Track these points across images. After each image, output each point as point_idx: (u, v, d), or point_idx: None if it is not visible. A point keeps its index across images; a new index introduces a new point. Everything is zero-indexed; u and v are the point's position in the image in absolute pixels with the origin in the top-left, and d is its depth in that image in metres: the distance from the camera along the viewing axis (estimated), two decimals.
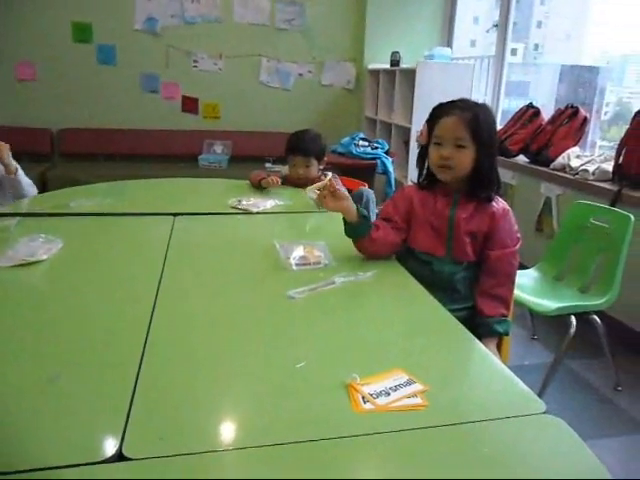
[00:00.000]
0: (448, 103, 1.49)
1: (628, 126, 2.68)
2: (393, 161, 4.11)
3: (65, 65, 4.62)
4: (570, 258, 2.35)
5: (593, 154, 3.11)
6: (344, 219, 1.50)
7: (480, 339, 1.17)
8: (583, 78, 4.02)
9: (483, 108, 1.47)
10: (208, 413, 0.84)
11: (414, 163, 1.62)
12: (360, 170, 3.84)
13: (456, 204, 1.50)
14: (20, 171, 2.28)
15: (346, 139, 4.28)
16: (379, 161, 4.04)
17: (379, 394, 0.88)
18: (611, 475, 0.73)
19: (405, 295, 1.36)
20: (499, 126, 3.59)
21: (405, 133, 4.37)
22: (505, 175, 3.36)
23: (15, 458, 0.73)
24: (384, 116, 4.71)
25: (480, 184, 1.48)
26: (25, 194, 2.28)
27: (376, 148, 4.18)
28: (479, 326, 1.42)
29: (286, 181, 2.40)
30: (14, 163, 2.26)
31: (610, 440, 1.96)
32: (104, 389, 0.89)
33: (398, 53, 4.51)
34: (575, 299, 2.16)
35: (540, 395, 0.93)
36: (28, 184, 2.33)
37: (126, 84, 4.77)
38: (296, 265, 1.46)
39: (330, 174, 1.44)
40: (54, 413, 0.83)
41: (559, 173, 3.01)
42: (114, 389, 0.89)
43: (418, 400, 0.88)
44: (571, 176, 2.91)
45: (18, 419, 0.81)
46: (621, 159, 2.65)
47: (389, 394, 0.89)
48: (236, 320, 1.18)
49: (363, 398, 0.87)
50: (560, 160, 3.05)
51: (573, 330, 2.06)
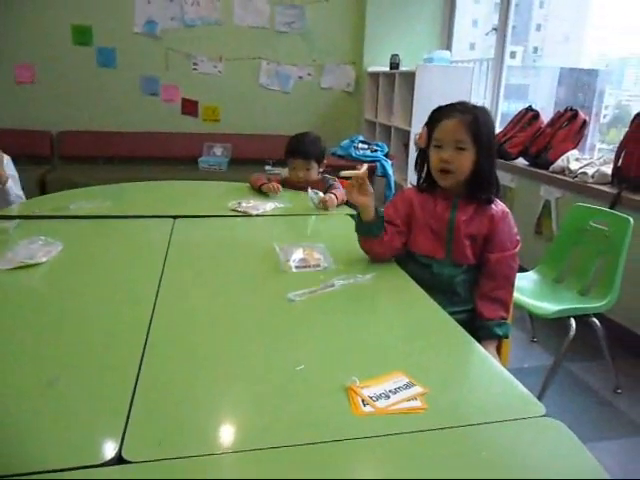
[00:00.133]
0: (447, 106, 1.49)
1: (627, 129, 2.68)
2: (392, 164, 4.11)
3: (65, 67, 4.62)
4: (570, 261, 2.35)
5: (592, 157, 3.11)
6: (359, 215, 1.50)
7: (480, 342, 1.17)
8: (582, 81, 4.03)
9: (482, 111, 1.48)
10: (207, 416, 0.84)
11: (413, 166, 1.63)
12: None
13: (456, 207, 1.50)
14: (11, 182, 2.25)
15: (346, 142, 4.28)
16: (378, 164, 4.05)
17: (379, 397, 0.88)
18: (611, 477, 0.73)
19: (405, 298, 1.36)
20: (498, 129, 3.60)
21: (404, 136, 4.38)
22: (504, 178, 3.37)
23: (14, 461, 0.73)
24: (383, 119, 4.71)
25: (480, 187, 1.48)
26: (10, 205, 2.22)
27: (375, 151, 4.18)
28: (479, 329, 1.43)
29: (286, 184, 2.41)
30: (5, 174, 2.25)
31: (610, 443, 1.95)
32: (103, 392, 0.89)
33: (398, 56, 4.53)
34: (575, 302, 2.16)
35: (540, 398, 0.93)
36: (17, 196, 2.29)
37: (126, 87, 4.78)
38: (296, 267, 1.46)
39: (365, 166, 1.44)
40: (53, 416, 0.83)
41: (558, 176, 3.01)
42: (113, 392, 0.89)
43: (418, 403, 0.88)
44: (570, 179, 2.91)
45: (17, 422, 0.81)
46: (620, 162, 2.65)
47: (389, 397, 0.89)
48: (236, 323, 1.18)
49: (363, 401, 0.87)
50: (559, 163, 3.05)
51: (573, 333, 2.06)
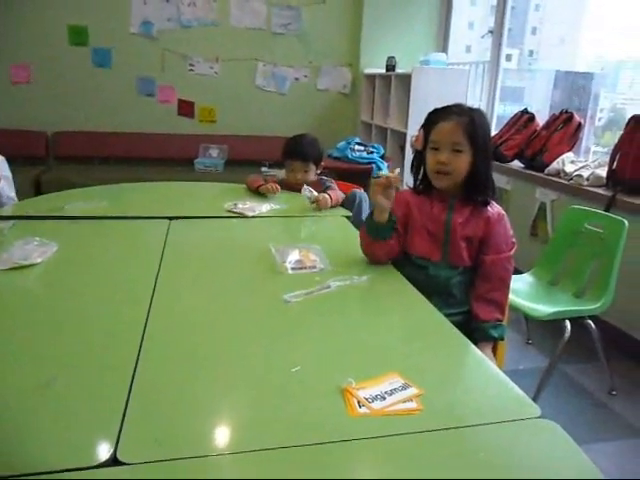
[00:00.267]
0: (444, 108, 1.50)
1: (622, 132, 2.69)
2: (389, 166, 4.12)
3: (61, 68, 4.61)
4: (565, 263, 2.36)
5: (587, 159, 3.13)
6: (371, 214, 1.50)
7: (475, 343, 1.18)
8: (577, 84, 4.05)
9: (478, 113, 1.49)
10: (203, 417, 0.84)
11: (409, 168, 1.63)
12: (356, 174, 3.85)
13: (452, 209, 1.51)
14: (3, 183, 2.23)
15: (342, 143, 4.29)
16: (375, 165, 4.06)
17: (374, 398, 0.89)
18: (606, 479, 0.73)
19: (401, 299, 1.36)
20: (494, 132, 3.61)
21: (401, 138, 4.39)
22: (500, 180, 3.38)
23: (9, 462, 0.72)
24: (380, 121, 4.72)
25: (476, 189, 1.49)
26: (2, 205, 2.19)
27: (372, 152, 4.19)
28: (474, 331, 1.43)
29: (283, 185, 2.40)
30: None
31: (605, 444, 1.96)
32: (99, 392, 0.89)
33: (394, 58, 4.53)
34: (570, 304, 2.17)
35: (535, 399, 0.93)
36: (9, 197, 2.26)
37: (122, 87, 4.76)
38: (292, 269, 1.46)
39: (398, 169, 1.46)
40: (48, 417, 0.82)
41: (554, 178, 3.02)
42: (109, 393, 0.88)
43: (413, 404, 0.88)
44: (566, 181, 2.92)
45: (12, 423, 0.80)
46: (615, 164, 2.67)
47: (384, 398, 0.89)
48: (231, 324, 1.18)
49: (358, 402, 0.87)
50: (555, 165, 3.06)
51: (568, 335, 2.07)
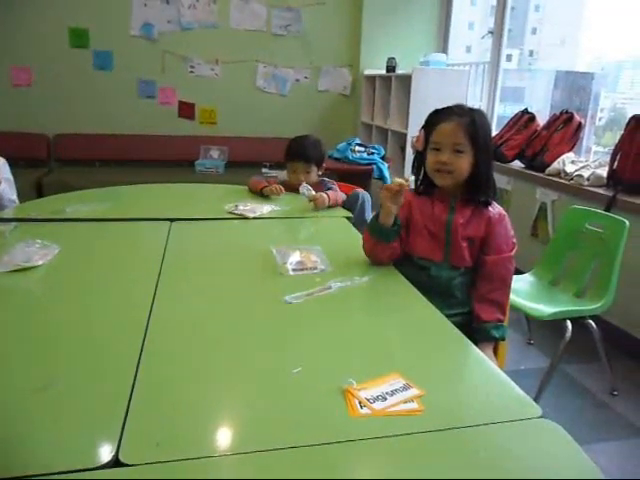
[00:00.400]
0: (445, 109, 1.50)
1: (622, 132, 2.69)
2: (389, 166, 4.12)
3: (62, 70, 4.62)
4: (565, 263, 2.35)
5: (588, 159, 3.12)
6: (377, 216, 1.50)
7: (476, 344, 1.18)
8: (578, 84, 4.04)
9: (479, 113, 1.49)
10: (205, 418, 0.84)
11: (410, 169, 1.63)
12: (356, 175, 3.86)
13: (453, 209, 1.51)
14: (4, 186, 2.23)
15: (342, 144, 4.29)
16: (375, 166, 4.05)
17: (375, 399, 0.89)
18: (607, 479, 0.74)
19: (402, 300, 1.36)
20: (495, 132, 3.61)
21: (401, 138, 4.39)
22: (501, 180, 3.38)
23: (11, 464, 0.73)
24: (380, 121, 4.72)
25: (478, 189, 1.49)
26: (3, 208, 2.18)
27: (372, 153, 4.19)
28: (476, 331, 1.43)
29: (284, 186, 2.39)
30: None
31: (606, 444, 1.96)
32: (101, 394, 0.89)
33: (394, 59, 4.54)
34: (571, 304, 2.17)
35: (536, 400, 0.93)
36: (11, 200, 2.25)
37: (123, 89, 4.77)
38: (292, 270, 1.46)
39: (413, 177, 1.46)
40: (51, 418, 0.83)
41: (554, 178, 3.02)
42: (111, 394, 0.88)
43: (414, 405, 0.88)
44: (566, 181, 2.92)
45: (14, 425, 0.81)
46: (615, 164, 2.67)
47: (385, 399, 0.89)
48: (232, 325, 1.18)
49: (360, 403, 0.87)
50: (555, 165, 3.06)
51: (569, 335, 2.07)
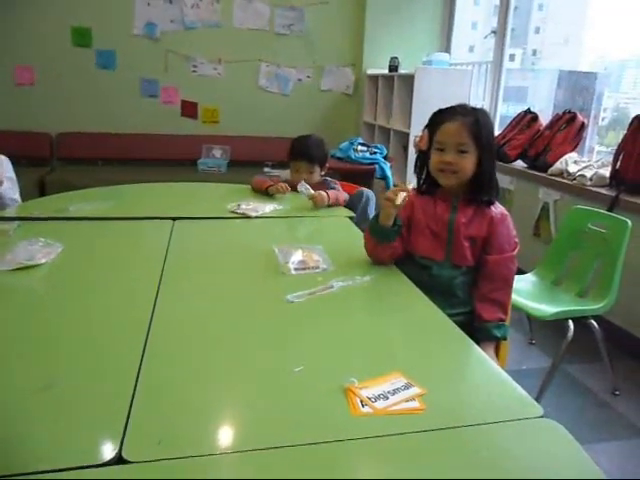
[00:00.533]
0: (448, 109, 1.50)
1: (625, 131, 2.69)
2: (391, 166, 4.12)
3: (64, 69, 4.62)
4: (568, 263, 2.35)
5: (591, 159, 3.12)
6: (377, 216, 1.50)
7: (478, 343, 1.18)
8: (581, 84, 4.04)
9: (482, 112, 1.49)
10: (207, 416, 0.85)
11: (412, 168, 1.63)
12: (359, 175, 3.86)
13: (456, 209, 1.51)
14: (7, 185, 2.23)
15: (345, 144, 4.29)
16: (377, 166, 4.06)
17: (377, 397, 0.89)
18: (608, 479, 0.74)
19: (403, 299, 1.36)
20: (497, 131, 3.60)
21: (404, 138, 4.38)
22: (503, 180, 3.37)
23: (15, 461, 0.73)
24: (382, 121, 4.72)
25: (481, 188, 1.49)
26: (5, 207, 2.19)
27: (375, 153, 4.19)
28: (477, 331, 1.43)
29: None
30: (0, 176, 2.22)
31: (608, 444, 1.96)
32: (104, 392, 0.89)
33: (397, 59, 4.53)
34: (573, 304, 2.17)
35: (538, 399, 0.93)
36: (13, 199, 2.26)
37: (125, 89, 4.78)
38: (295, 269, 1.47)
39: (413, 184, 1.47)
40: (54, 416, 0.83)
41: (557, 178, 3.02)
42: (114, 392, 0.89)
43: (416, 404, 0.88)
44: (569, 181, 2.92)
45: (18, 422, 0.81)
46: (618, 164, 2.66)
47: (387, 398, 0.89)
48: (235, 324, 1.18)
49: (361, 402, 0.88)
50: (558, 165, 3.06)
51: (571, 335, 2.06)
